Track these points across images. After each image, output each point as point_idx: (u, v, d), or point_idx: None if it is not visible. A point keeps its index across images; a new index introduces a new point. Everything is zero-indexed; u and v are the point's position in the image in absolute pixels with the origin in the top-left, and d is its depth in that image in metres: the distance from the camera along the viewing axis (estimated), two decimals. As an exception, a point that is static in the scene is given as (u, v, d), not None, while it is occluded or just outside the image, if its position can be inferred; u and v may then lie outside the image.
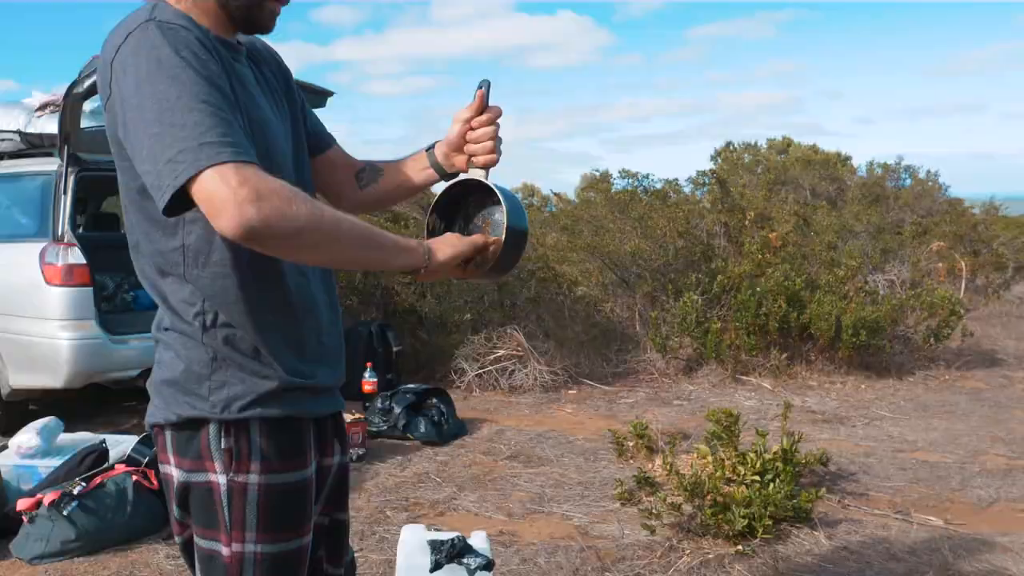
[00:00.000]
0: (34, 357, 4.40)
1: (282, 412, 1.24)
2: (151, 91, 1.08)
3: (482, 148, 1.39)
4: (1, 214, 5.15)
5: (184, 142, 1.05)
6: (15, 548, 3.01)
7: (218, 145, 1.05)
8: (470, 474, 3.87)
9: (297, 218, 1.07)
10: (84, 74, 4.41)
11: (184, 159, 1.04)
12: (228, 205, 1.03)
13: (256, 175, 1.06)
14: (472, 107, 1.40)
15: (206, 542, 1.25)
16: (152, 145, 1.07)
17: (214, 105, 1.08)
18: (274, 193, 1.06)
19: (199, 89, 1.08)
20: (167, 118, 1.06)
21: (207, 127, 1.06)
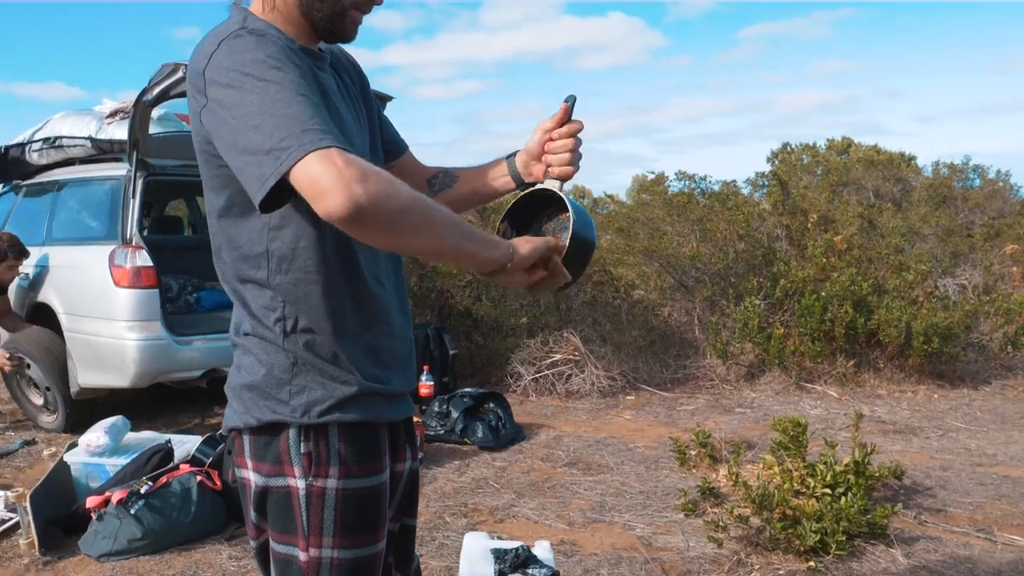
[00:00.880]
0: (102, 357, 4.49)
1: (360, 417, 1.25)
2: (251, 87, 1.09)
3: (559, 159, 1.38)
4: (72, 217, 5.30)
5: (286, 130, 1.05)
6: (84, 545, 3.06)
7: (320, 132, 1.06)
8: (528, 480, 3.82)
9: (400, 197, 1.07)
10: (154, 82, 4.49)
11: (288, 145, 1.05)
12: (336, 184, 1.02)
13: (359, 158, 1.07)
14: (555, 118, 1.40)
15: (283, 547, 1.26)
16: (253, 138, 1.07)
17: (312, 101, 1.10)
18: (377, 173, 1.07)
19: (296, 85, 1.10)
20: (267, 109, 1.07)
21: (308, 115, 1.07)
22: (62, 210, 5.39)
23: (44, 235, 5.32)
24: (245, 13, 1.23)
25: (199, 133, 1.21)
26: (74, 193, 5.40)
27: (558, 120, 1.39)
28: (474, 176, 1.51)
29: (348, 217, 1.04)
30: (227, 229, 1.25)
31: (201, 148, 1.22)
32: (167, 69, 4.46)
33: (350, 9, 1.27)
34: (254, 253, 1.23)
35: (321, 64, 1.30)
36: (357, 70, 1.46)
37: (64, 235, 5.21)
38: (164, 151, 5.10)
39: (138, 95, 4.56)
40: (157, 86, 4.48)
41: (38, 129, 5.90)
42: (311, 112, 1.08)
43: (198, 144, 1.23)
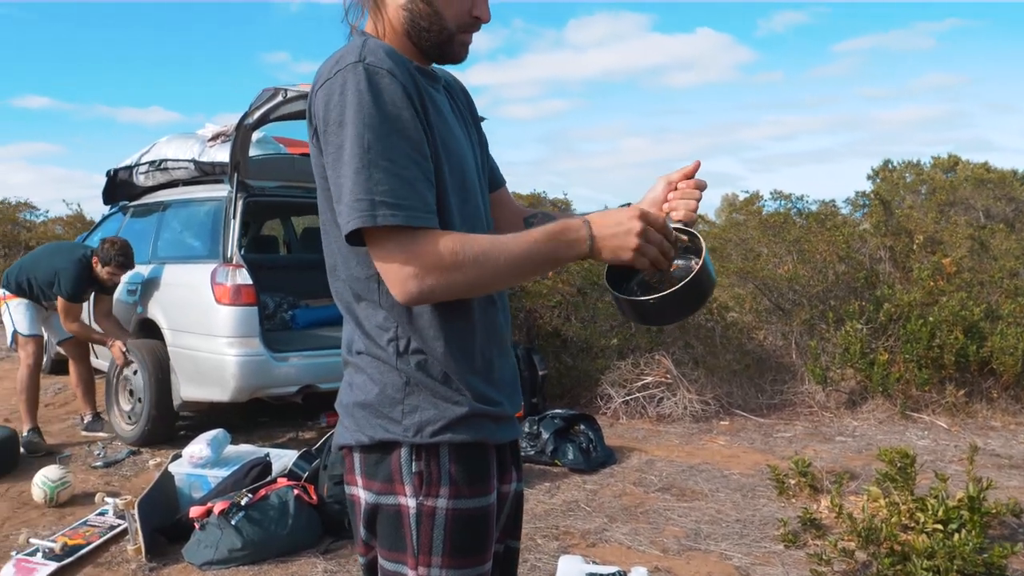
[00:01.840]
0: (203, 371, 4.70)
1: (470, 438, 1.26)
2: (349, 133, 1.16)
3: (686, 204, 1.39)
4: (176, 237, 5.58)
5: (365, 193, 1.15)
6: (187, 553, 3.21)
7: (392, 207, 1.15)
8: (621, 505, 3.80)
9: (456, 284, 1.17)
10: (254, 106, 4.71)
11: (360, 208, 1.15)
12: (394, 279, 1.17)
13: (421, 247, 1.15)
14: (683, 171, 1.42)
15: (392, 564, 1.28)
16: (343, 183, 1.17)
17: (399, 165, 1.17)
18: (437, 266, 1.15)
19: (388, 146, 1.16)
20: (357, 163, 1.15)
21: (388, 187, 1.15)
22: (166, 230, 5.68)
23: (150, 254, 5.61)
24: (364, 38, 1.25)
25: (314, 152, 1.27)
26: (178, 213, 5.68)
27: (687, 173, 1.42)
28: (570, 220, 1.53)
29: (406, 303, 1.19)
30: (341, 248, 1.29)
31: (316, 166, 1.28)
32: (267, 94, 4.68)
33: (457, 33, 1.32)
34: (365, 275, 1.27)
35: (436, 85, 1.34)
36: (466, 94, 1.50)
37: (168, 254, 5.49)
38: (262, 173, 5.34)
39: (240, 119, 4.79)
40: (258, 110, 4.70)
41: (145, 152, 6.26)
42: (392, 183, 1.15)
43: (314, 161, 1.29)
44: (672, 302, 1.27)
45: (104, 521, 3.57)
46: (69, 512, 3.80)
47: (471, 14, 1.32)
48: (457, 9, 1.30)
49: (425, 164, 1.21)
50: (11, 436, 4.56)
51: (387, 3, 1.31)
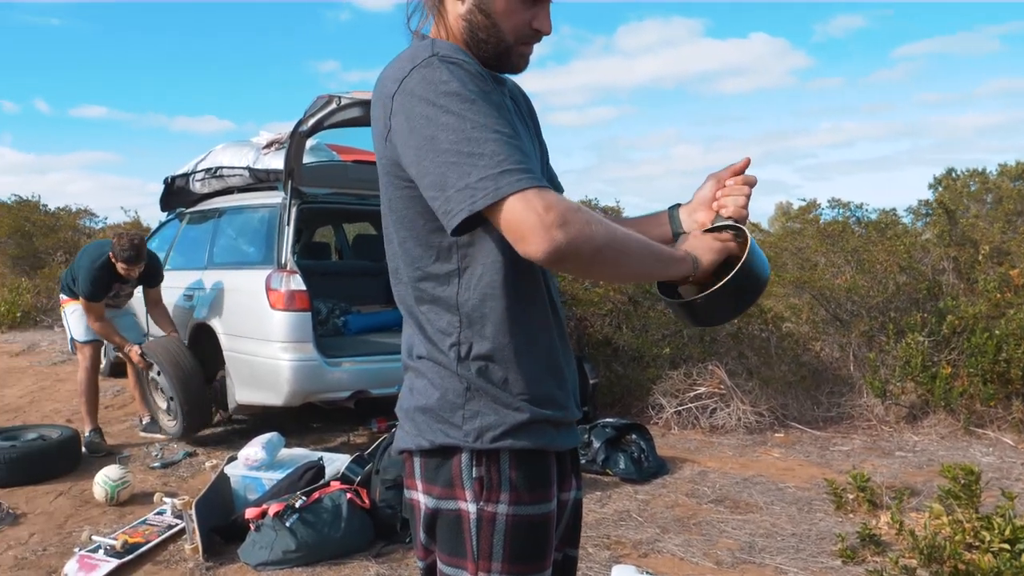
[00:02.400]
0: (258, 376, 4.81)
1: (531, 444, 1.27)
2: (444, 122, 1.15)
3: (735, 201, 1.41)
4: (231, 243, 5.73)
5: (484, 170, 1.13)
6: (243, 553, 3.29)
7: (518, 172, 1.13)
8: (673, 516, 3.79)
9: (597, 237, 1.14)
10: (308, 113, 4.82)
11: (484, 186, 1.12)
12: (537, 230, 1.11)
13: (557, 198, 1.13)
14: (733, 169, 1.44)
15: (451, 569, 1.28)
16: (446, 173, 1.15)
17: (507, 134, 1.16)
18: (578, 214, 1.14)
19: (491, 120, 1.16)
20: (463, 147, 1.14)
21: (505, 155, 1.13)
22: (222, 236, 5.83)
23: (206, 260, 5.78)
24: (432, 39, 1.26)
25: (384, 155, 1.27)
26: (233, 220, 5.83)
27: (735, 170, 1.43)
28: (633, 224, 1.51)
29: (548, 260, 1.14)
30: (409, 250, 1.29)
31: (385, 170, 1.28)
32: (321, 101, 4.78)
33: (516, 45, 1.32)
34: (441, 272, 1.27)
35: (503, 89, 1.35)
36: (528, 102, 1.50)
37: (224, 260, 5.63)
38: (316, 180, 5.46)
39: (294, 126, 4.91)
40: (312, 117, 4.81)
41: (201, 160, 6.44)
42: (507, 151, 1.14)
43: (382, 166, 1.29)
44: (721, 298, 1.29)
45: (162, 520, 3.68)
46: (129, 511, 3.93)
47: (531, 26, 1.31)
48: (516, 21, 1.30)
49: (520, 139, 1.20)
50: (73, 437, 4.73)
51: (448, 11, 1.32)
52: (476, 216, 1.14)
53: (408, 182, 1.24)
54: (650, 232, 1.49)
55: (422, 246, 1.28)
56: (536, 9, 1.31)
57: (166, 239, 6.81)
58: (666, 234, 1.50)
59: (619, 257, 1.19)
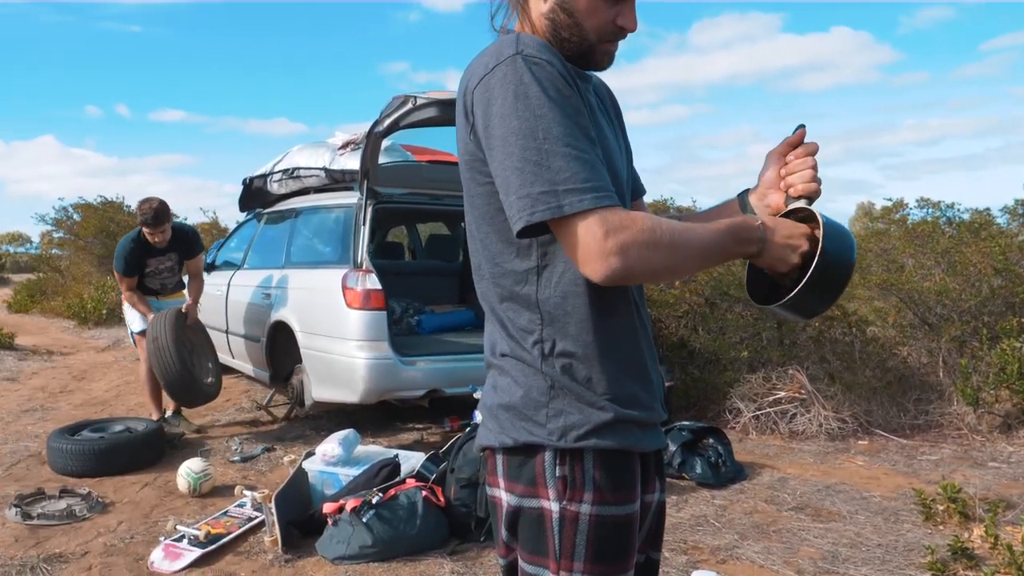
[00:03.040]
0: (334, 373, 4.93)
1: (616, 444, 1.26)
2: (517, 126, 1.17)
3: (801, 177, 1.37)
4: (308, 243, 5.88)
5: (547, 184, 1.15)
6: (320, 547, 3.38)
7: (580, 192, 1.14)
8: (752, 522, 3.74)
9: (656, 261, 1.16)
10: (384, 114, 4.92)
11: (545, 201, 1.15)
12: (594, 256, 1.15)
13: (618, 222, 1.15)
14: (789, 141, 1.40)
15: (532, 567, 1.29)
16: (512, 177, 1.17)
17: (577, 148, 1.16)
18: (636, 241, 1.15)
19: (563, 130, 1.16)
20: (531, 156, 1.16)
21: (571, 172, 1.15)
22: (299, 236, 6.00)
23: (283, 259, 5.95)
24: (518, 35, 1.25)
25: (466, 150, 1.28)
26: (309, 220, 5.99)
27: (793, 143, 1.39)
28: (701, 218, 1.49)
29: (604, 282, 1.17)
30: (490, 246, 1.30)
31: (468, 165, 1.29)
32: (397, 101, 4.87)
33: (599, 43, 1.31)
34: (521, 268, 1.27)
35: (587, 85, 1.35)
36: (614, 99, 1.50)
37: (300, 259, 5.79)
38: (390, 180, 5.56)
39: (370, 126, 5.01)
40: (388, 118, 4.90)
41: (278, 161, 6.63)
42: (575, 167, 1.15)
43: (464, 161, 1.30)
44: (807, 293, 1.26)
45: (242, 513, 3.81)
46: (210, 502, 4.07)
47: (615, 23, 1.31)
48: (600, 19, 1.30)
49: (598, 150, 1.21)
50: (158, 430, 4.93)
51: (531, 9, 1.32)
52: (537, 225, 1.17)
53: (488, 178, 1.25)
54: None
55: (502, 242, 1.29)
56: (620, 6, 1.30)
57: (244, 239, 7.03)
58: None
59: (681, 270, 1.22)
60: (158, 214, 5.21)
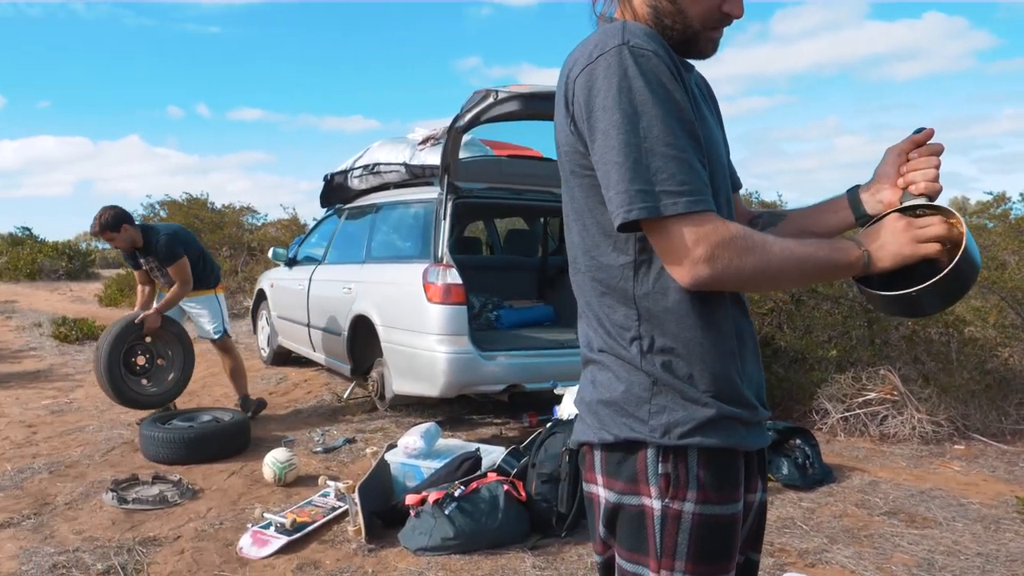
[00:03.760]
0: (415, 367, 5.02)
1: (721, 443, 1.25)
2: (619, 120, 1.16)
3: (924, 175, 1.32)
4: (388, 238, 5.99)
5: (643, 183, 1.15)
6: (403, 538, 3.45)
7: (676, 195, 1.14)
8: (841, 526, 3.66)
9: (744, 273, 1.17)
10: (466, 108, 4.97)
11: (643, 199, 1.15)
12: (682, 262, 1.17)
13: (711, 230, 1.15)
14: (914, 139, 1.36)
15: (631, 565, 1.28)
16: (612, 172, 1.18)
17: (677, 147, 1.16)
18: (727, 249, 1.15)
19: (664, 128, 1.16)
20: (631, 153, 1.15)
21: (668, 173, 1.15)
22: (379, 231, 6.11)
23: (364, 254, 6.08)
24: (623, 23, 1.23)
25: (566, 142, 1.27)
26: (390, 215, 6.10)
27: (917, 141, 1.35)
28: (804, 215, 1.49)
29: (690, 288, 1.19)
30: (587, 238, 1.30)
31: (567, 157, 1.29)
32: (478, 96, 4.92)
33: (704, 31, 1.29)
34: (618, 263, 1.26)
35: (690, 74, 1.33)
36: (710, 88, 1.47)
37: (381, 254, 5.91)
38: (470, 175, 5.62)
39: (452, 121, 5.07)
40: (469, 112, 4.95)
41: (358, 157, 6.77)
42: (673, 168, 1.14)
43: (564, 153, 1.29)
44: (937, 290, 1.21)
45: (326, 502, 3.92)
46: (295, 492, 4.20)
47: (721, 10, 1.29)
48: (705, 6, 1.28)
49: (699, 148, 1.20)
50: (244, 420, 5.11)
51: None
52: (634, 222, 1.17)
53: (588, 170, 1.25)
54: (827, 221, 1.46)
55: (600, 235, 1.28)
56: None
57: (325, 234, 7.21)
58: (846, 220, 1.44)
59: (771, 282, 1.21)
60: (101, 226, 5.42)
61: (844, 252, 1.24)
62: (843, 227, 1.46)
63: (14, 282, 22.54)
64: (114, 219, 5.39)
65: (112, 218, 5.39)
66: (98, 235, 5.51)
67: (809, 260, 1.21)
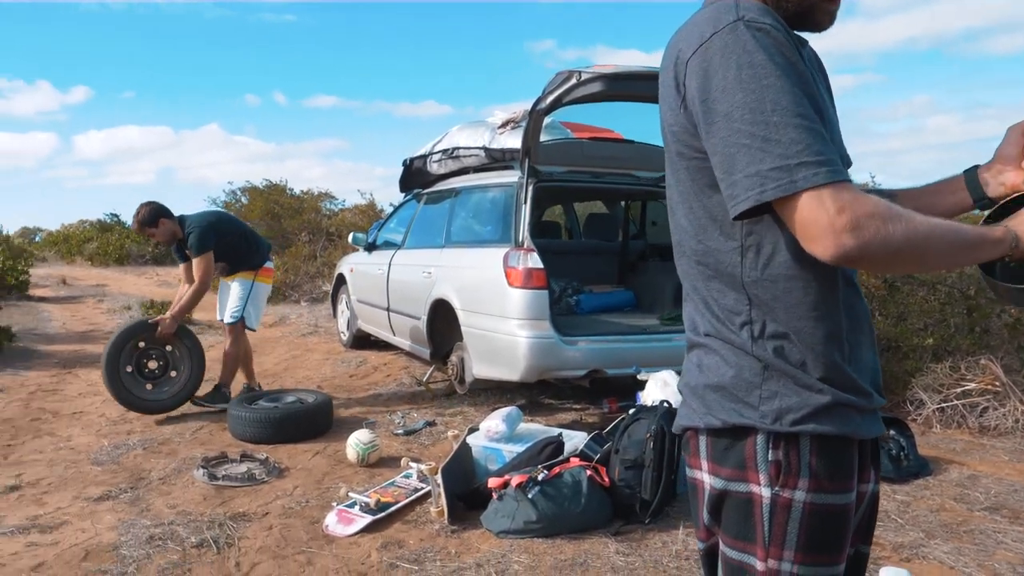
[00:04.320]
0: (495, 351, 5.06)
1: (835, 430, 1.21)
2: (742, 99, 1.12)
3: None
4: (468, 222, 6.03)
5: (778, 159, 1.10)
6: (485, 520, 3.49)
7: (814, 165, 1.09)
8: (939, 520, 3.55)
9: (892, 242, 1.09)
10: (548, 90, 4.95)
11: (777, 177, 1.10)
12: (826, 233, 1.08)
13: (853, 199, 1.09)
14: None
15: (736, 553, 1.27)
16: (738, 155, 1.13)
17: (809, 119, 1.11)
18: (872, 218, 1.08)
19: (793, 101, 1.11)
20: (760, 131, 1.11)
21: (804, 145, 1.09)
22: (459, 215, 6.16)
23: (443, 238, 6.14)
24: None
25: (675, 123, 1.24)
26: (469, 199, 6.13)
27: None
28: (916, 196, 1.43)
29: (834, 262, 1.11)
30: (694, 222, 1.27)
31: (675, 138, 1.26)
32: (561, 77, 4.90)
33: (821, 2, 1.26)
34: (726, 247, 1.24)
35: (804, 52, 1.27)
36: (821, 63, 1.41)
37: (461, 238, 5.95)
38: (551, 158, 5.61)
39: (533, 104, 5.07)
40: (551, 94, 4.94)
41: (437, 141, 6.83)
42: (808, 138, 1.09)
43: (672, 134, 1.27)
44: None
45: (409, 484, 3.99)
46: (377, 473, 4.29)
47: None
48: None
49: (824, 123, 1.14)
50: (327, 401, 5.23)
51: None
52: (763, 204, 1.12)
53: (697, 152, 1.22)
54: (941, 203, 1.41)
55: (707, 219, 1.25)
56: None
57: (404, 219, 7.31)
58: (962, 202, 1.40)
59: (918, 256, 1.13)
60: (139, 223, 5.57)
61: (990, 229, 1.19)
62: (958, 210, 1.41)
63: (103, 267, 23.58)
64: (151, 215, 5.54)
65: (149, 214, 5.53)
66: (139, 232, 5.70)
67: (957, 234, 1.14)
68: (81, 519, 3.67)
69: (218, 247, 5.61)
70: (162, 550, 3.29)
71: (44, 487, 4.15)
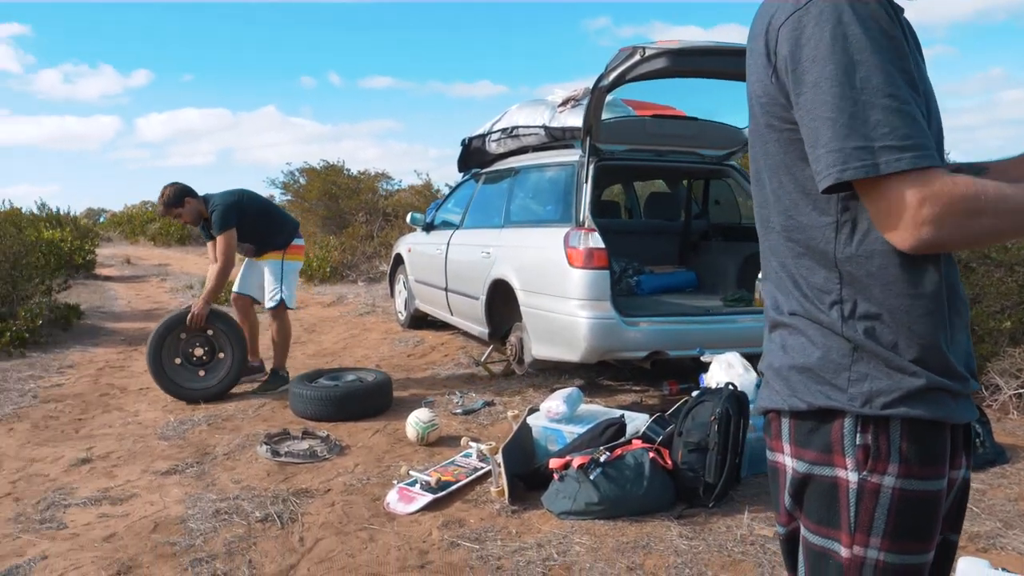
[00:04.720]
0: (555, 331, 5.05)
1: (928, 414, 1.18)
2: (832, 71, 1.10)
3: None
4: (528, 201, 6.02)
5: (862, 139, 1.08)
6: (546, 501, 3.50)
7: (899, 150, 1.07)
8: (1017, 510, 3.45)
9: (972, 233, 1.08)
10: (610, 67, 4.90)
11: (860, 157, 1.08)
12: (905, 224, 1.08)
13: (939, 189, 1.07)
14: None
15: (820, 539, 1.25)
16: (823, 128, 1.11)
17: (900, 99, 1.08)
18: (955, 211, 1.06)
19: (885, 80, 1.08)
20: (846, 106, 1.09)
21: (891, 127, 1.07)
22: (518, 195, 6.15)
23: (503, 218, 6.13)
24: None
25: (765, 94, 1.23)
26: (528, 179, 6.12)
27: None
28: (1010, 166, 1.38)
29: (910, 251, 1.11)
30: (784, 197, 1.25)
31: (764, 110, 1.24)
32: (624, 54, 4.84)
33: None
34: (819, 223, 1.21)
35: (900, 17, 1.22)
36: (915, 32, 1.35)
37: (521, 218, 5.95)
38: (612, 136, 5.56)
39: (595, 81, 5.02)
40: (613, 71, 4.88)
41: (496, 121, 6.81)
42: (896, 120, 1.07)
43: (761, 105, 1.25)
44: None
45: (469, 463, 4.02)
46: (437, 452, 4.33)
47: None
48: None
49: (920, 98, 1.12)
50: (386, 380, 5.29)
51: None
52: (845, 183, 1.11)
53: (788, 124, 1.20)
54: None
55: (799, 193, 1.23)
56: None
57: (463, 199, 7.32)
58: None
59: (1001, 238, 1.12)
60: (164, 204, 5.62)
61: None
62: None
63: (166, 247, 24.20)
64: (175, 195, 5.58)
65: (173, 195, 5.58)
66: (165, 215, 5.75)
67: None
68: (150, 492, 3.78)
69: (243, 226, 5.64)
70: (228, 524, 3.37)
71: (114, 460, 4.28)
